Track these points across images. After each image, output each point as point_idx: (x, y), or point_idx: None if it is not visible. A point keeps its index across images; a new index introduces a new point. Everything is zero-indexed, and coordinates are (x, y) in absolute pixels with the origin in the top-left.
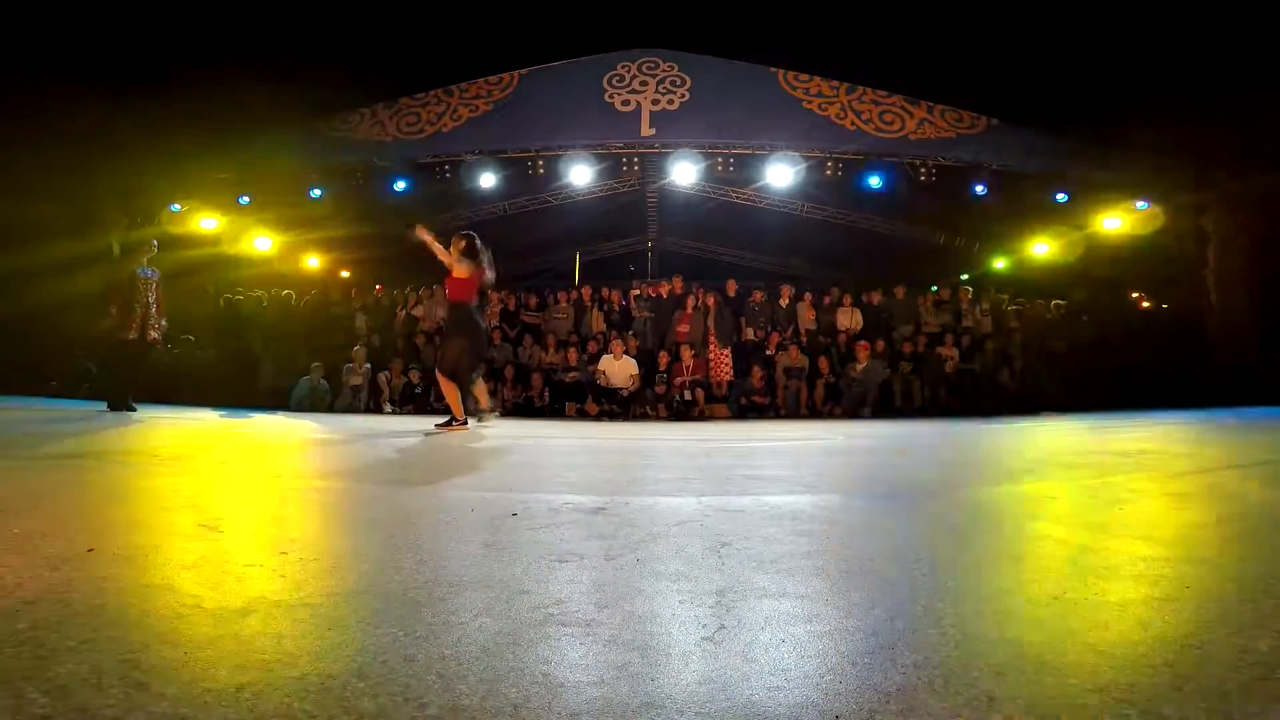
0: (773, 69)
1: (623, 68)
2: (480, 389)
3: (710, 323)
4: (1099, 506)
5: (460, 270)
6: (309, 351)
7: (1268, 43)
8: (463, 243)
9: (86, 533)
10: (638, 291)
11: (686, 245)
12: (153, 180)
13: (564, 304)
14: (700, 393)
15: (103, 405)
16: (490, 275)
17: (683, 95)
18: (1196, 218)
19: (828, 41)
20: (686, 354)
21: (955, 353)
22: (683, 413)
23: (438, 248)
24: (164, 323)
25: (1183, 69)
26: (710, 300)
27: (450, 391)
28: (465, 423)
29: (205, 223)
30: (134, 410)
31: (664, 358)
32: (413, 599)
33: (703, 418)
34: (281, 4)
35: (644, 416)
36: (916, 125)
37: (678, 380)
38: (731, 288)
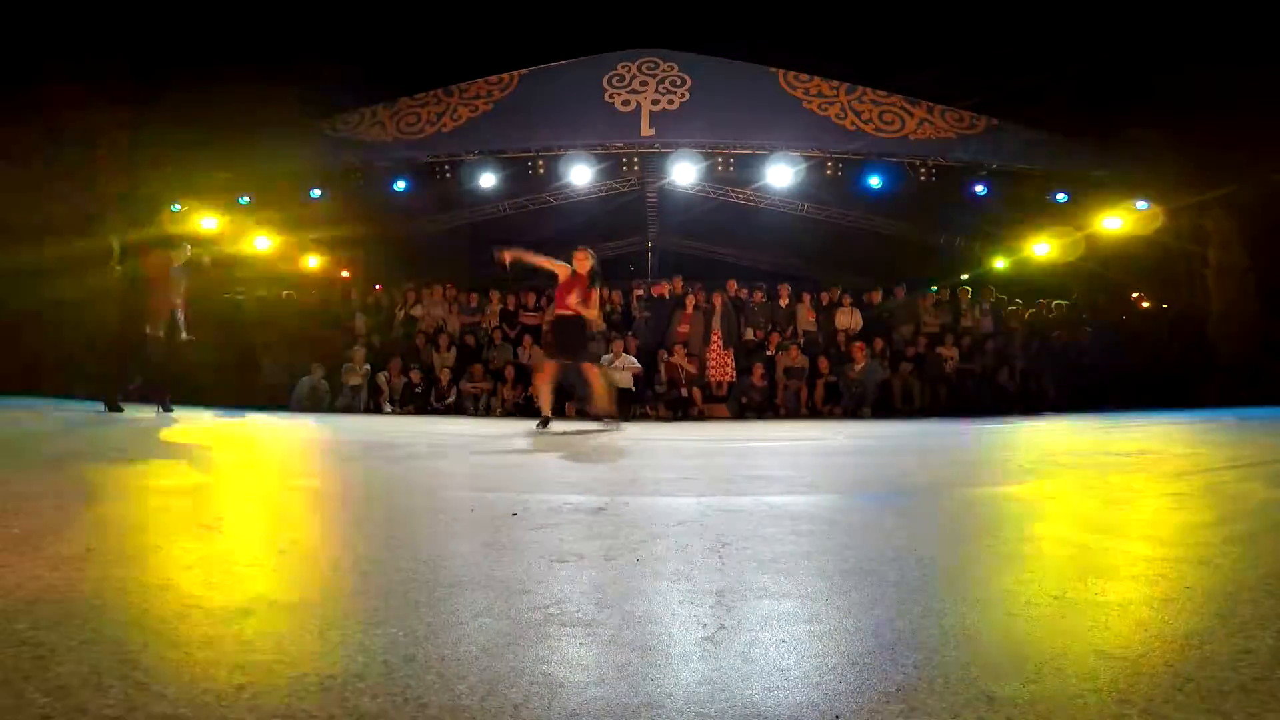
0: (773, 69)
1: (623, 68)
2: (546, 397)
3: (716, 322)
4: (1099, 506)
5: (585, 291)
6: (309, 351)
7: (1267, 42)
8: (593, 262)
9: (86, 533)
10: (639, 291)
11: (686, 245)
12: (153, 180)
13: None
14: (699, 392)
15: (154, 408)
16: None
17: (683, 95)
18: (1196, 218)
19: (828, 41)
20: (680, 354)
21: (955, 353)
22: (682, 413)
23: (541, 260)
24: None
25: (1183, 68)
26: (716, 300)
27: (547, 390)
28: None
29: (205, 223)
30: (170, 410)
31: (664, 357)
32: (413, 599)
33: (702, 418)
34: (282, 3)
35: (644, 416)
36: (916, 125)
37: (677, 380)
38: (731, 288)
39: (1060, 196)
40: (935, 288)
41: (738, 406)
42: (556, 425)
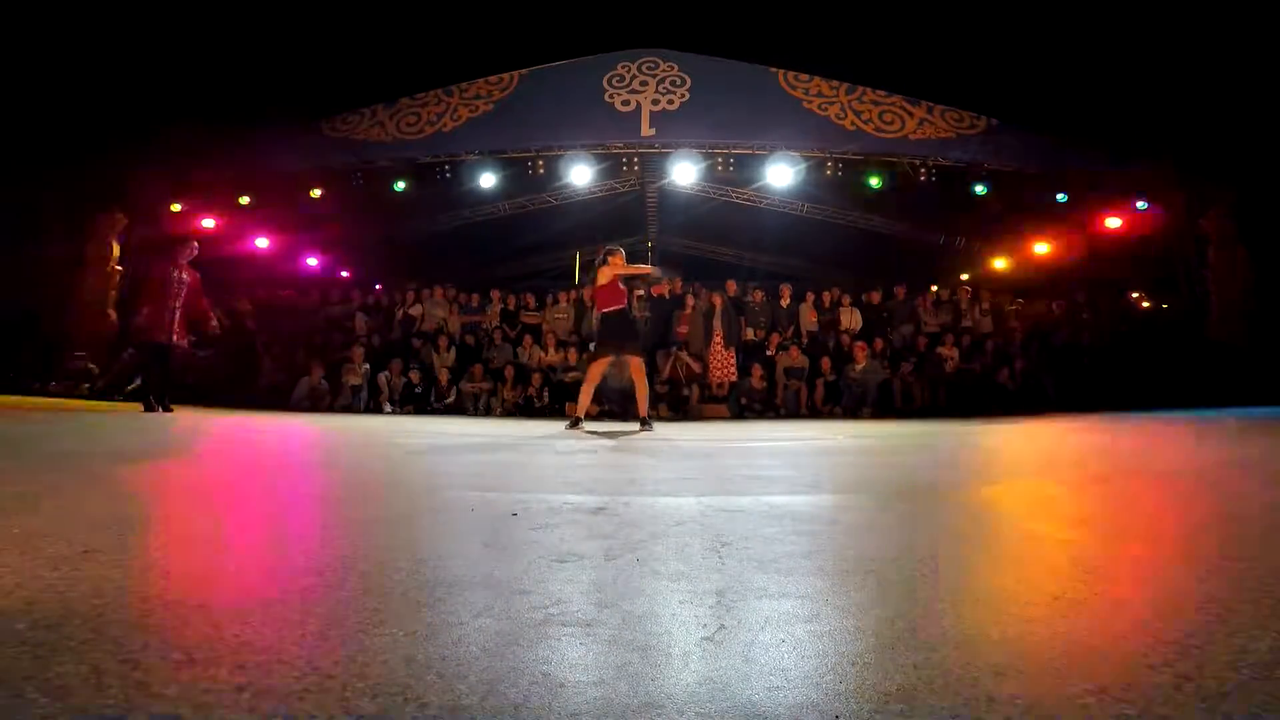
0: (773, 69)
1: (623, 68)
2: (586, 397)
3: (716, 322)
4: (1099, 507)
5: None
6: (309, 351)
7: (1267, 42)
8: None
9: (86, 533)
10: (639, 292)
11: (686, 245)
12: (153, 180)
13: (564, 304)
14: (697, 391)
15: (139, 407)
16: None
17: (683, 95)
18: (1196, 218)
19: (828, 41)
20: (679, 354)
21: (955, 353)
22: (681, 412)
23: (633, 269)
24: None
25: (1182, 69)
26: (716, 300)
27: (589, 390)
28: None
29: (205, 223)
30: (170, 411)
31: (663, 357)
32: (413, 599)
33: (702, 417)
34: (283, 3)
35: None
36: (916, 125)
37: (676, 379)
38: (731, 288)
39: (1060, 196)
40: (935, 288)
41: (738, 406)
42: (587, 425)
